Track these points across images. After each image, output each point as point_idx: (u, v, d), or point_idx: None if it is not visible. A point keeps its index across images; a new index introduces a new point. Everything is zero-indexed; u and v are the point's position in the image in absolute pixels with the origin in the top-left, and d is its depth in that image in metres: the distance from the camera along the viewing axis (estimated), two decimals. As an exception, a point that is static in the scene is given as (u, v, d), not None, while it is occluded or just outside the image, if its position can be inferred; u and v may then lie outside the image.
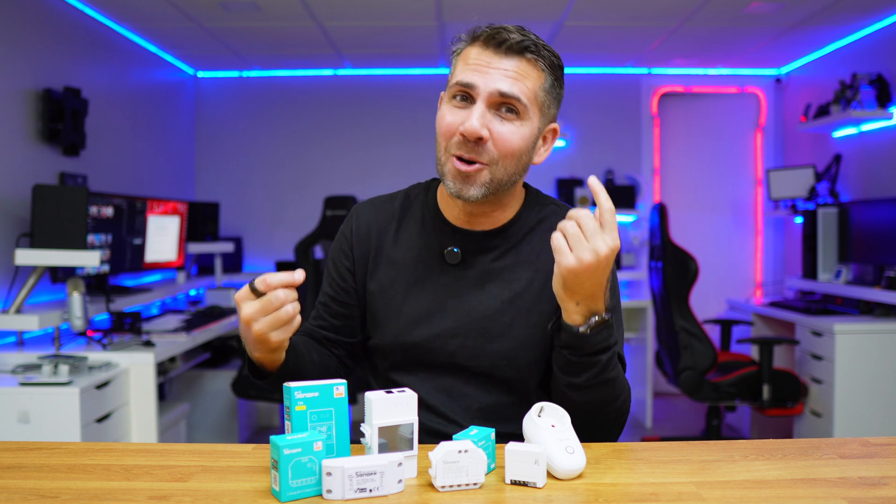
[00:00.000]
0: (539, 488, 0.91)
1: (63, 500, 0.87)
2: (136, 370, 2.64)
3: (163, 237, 3.74)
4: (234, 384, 3.46)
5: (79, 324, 2.66)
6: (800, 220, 4.31)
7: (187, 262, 4.33)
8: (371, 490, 0.87)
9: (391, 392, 0.94)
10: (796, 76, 4.74)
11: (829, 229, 3.82)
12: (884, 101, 3.59)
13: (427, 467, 0.92)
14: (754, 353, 3.77)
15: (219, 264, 4.41)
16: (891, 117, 3.60)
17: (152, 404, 2.67)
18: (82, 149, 3.30)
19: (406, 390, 0.96)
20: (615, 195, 4.75)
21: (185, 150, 4.78)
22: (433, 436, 1.19)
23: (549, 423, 0.99)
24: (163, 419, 2.93)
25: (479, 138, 1.11)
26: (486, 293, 1.21)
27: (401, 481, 0.90)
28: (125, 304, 3.24)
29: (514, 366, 1.20)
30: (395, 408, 0.93)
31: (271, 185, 4.93)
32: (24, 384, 2.33)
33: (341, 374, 1.30)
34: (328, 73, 4.92)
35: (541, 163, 1.22)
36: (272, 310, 1.00)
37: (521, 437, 1.02)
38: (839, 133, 4.11)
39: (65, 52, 3.29)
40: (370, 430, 0.92)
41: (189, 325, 3.22)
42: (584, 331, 1.06)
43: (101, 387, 2.45)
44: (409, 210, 1.29)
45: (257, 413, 4.34)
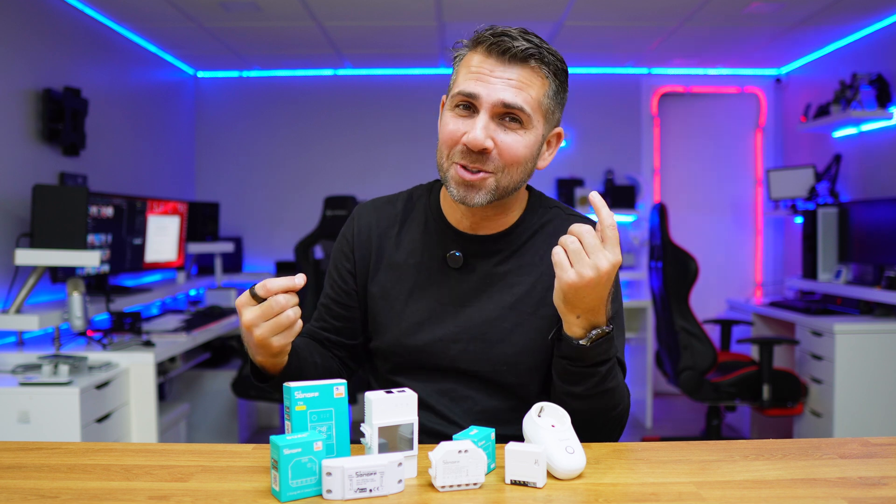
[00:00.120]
0: (539, 488, 0.91)
1: (63, 500, 0.87)
2: (136, 370, 2.64)
3: (163, 237, 3.74)
4: (234, 384, 3.46)
5: (79, 324, 2.66)
6: (800, 220, 4.31)
7: (187, 262, 4.33)
8: (371, 490, 0.87)
9: (391, 392, 0.94)
10: (796, 76, 4.74)
11: (829, 229, 3.82)
12: (884, 101, 3.59)
13: (427, 467, 0.92)
14: (754, 353, 3.77)
15: (219, 264, 4.41)
16: (891, 117, 3.60)
17: (152, 404, 2.67)
18: (82, 149, 3.30)
19: (406, 390, 0.95)
20: (615, 195, 4.75)
21: (185, 150, 4.78)
22: (433, 437, 1.19)
23: (549, 423, 0.98)
24: (163, 419, 2.93)
25: (483, 149, 1.10)
26: (487, 298, 1.21)
27: (401, 481, 0.90)
28: (125, 304, 3.24)
29: (515, 371, 1.20)
30: (395, 408, 0.93)
31: (271, 185, 4.93)
32: (24, 384, 2.33)
33: (343, 376, 1.30)
34: (328, 73, 4.92)
35: (545, 167, 1.21)
36: (273, 315, 1.00)
37: (521, 439, 1.02)
38: (839, 133, 4.11)
39: (65, 52, 3.29)
40: (370, 430, 0.92)
41: (189, 325, 3.22)
42: (584, 343, 1.06)
43: (101, 387, 2.45)
44: (411, 212, 1.28)
45: (257, 413, 4.34)
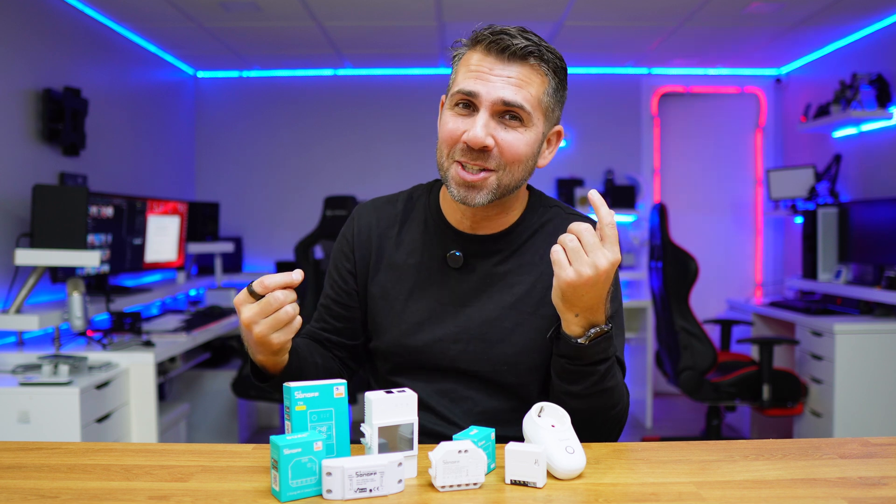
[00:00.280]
0: (539, 488, 0.91)
1: (63, 500, 0.87)
2: (136, 370, 2.64)
3: (163, 237, 3.74)
4: (234, 384, 3.46)
5: (79, 324, 2.66)
6: (800, 220, 4.31)
7: (187, 262, 4.33)
8: (371, 490, 0.87)
9: (391, 392, 0.94)
10: (796, 76, 4.74)
11: (829, 229, 3.82)
12: (884, 101, 3.59)
13: (427, 467, 0.92)
14: (754, 353, 3.77)
15: (219, 264, 4.41)
16: (891, 117, 3.60)
17: (152, 404, 2.67)
18: (82, 149, 3.30)
19: (406, 390, 0.95)
20: (615, 195, 4.75)
21: (185, 150, 4.78)
22: (433, 438, 1.18)
23: (549, 423, 0.98)
24: (163, 419, 2.93)
25: (484, 147, 1.10)
26: (488, 298, 1.21)
27: (401, 481, 0.90)
28: (125, 304, 3.24)
29: (515, 371, 1.20)
30: (395, 408, 0.93)
31: (271, 185, 4.93)
32: (24, 384, 2.33)
33: (344, 377, 1.29)
34: (328, 73, 4.92)
35: (545, 165, 1.21)
36: (272, 311, 1.00)
37: (521, 440, 1.02)
38: (839, 133, 4.11)
39: (65, 52, 3.29)
40: (370, 430, 0.92)
41: (189, 325, 3.22)
42: (582, 342, 1.06)
43: (101, 387, 2.45)
44: (411, 212, 1.28)
45: (257, 413, 4.34)
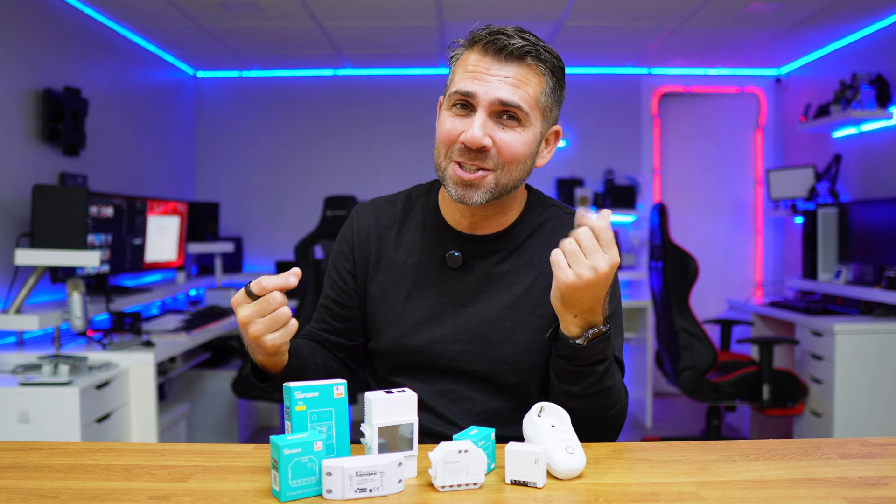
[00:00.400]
0: (539, 488, 0.91)
1: (63, 500, 0.87)
2: (136, 370, 2.64)
3: (163, 237, 3.74)
4: (234, 384, 3.46)
5: (79, 324, 2.66)
6: (800, 220, 4.31)
7: (187, 262, 4.33)
8: (371, 490, 0.87)
9: (391, 392, 0.94)
10: (796, 76, 4.74)
11: (829, 229, 3.82)
12: (884, 101, 3.59)
13: (427, 467, 0.92)
14: (754, 353, 3.77)
15: (219, 264, 4.40)
16: (891, 117, 3.60)
17: (152, 404, 2.66)
18: (82, 149, 3.30)
19: (406, 390, 0.95)
20: (615, 195, 4.75)
21: (185, 150, 4.78)
22: (433, 438, 1.18)
23: (549, 423, 0.98)
24: (163, 419, 2.93)
25: (481, 147, 1.11)
26: (487, 298, 1.21)
27: (401, 481, 0.90)
28: (125, 304, 3.24)
29: (515, 371, 1.20)
30: (395, 408, 0.93)
31: (271, 185, 4.93)
32: (24, 384, 2.33)
33: (344, 377, 1.29)
34: (328, 73, 4.92)
35: (544, 165, 1.21)
36: (269, 311, 1.00)
37: (521, 441, 1.02)
38: (839, 133, 4.11)
39: (65, 52, 3.29)
40: (370, 430, 0.92)
41: (189, 325, 3.22)
42: (581, 343, 1.06)
43: (101, 387, 2.45)
44: (410, 213, 1.28)
45: (257, 413, 4.34)
